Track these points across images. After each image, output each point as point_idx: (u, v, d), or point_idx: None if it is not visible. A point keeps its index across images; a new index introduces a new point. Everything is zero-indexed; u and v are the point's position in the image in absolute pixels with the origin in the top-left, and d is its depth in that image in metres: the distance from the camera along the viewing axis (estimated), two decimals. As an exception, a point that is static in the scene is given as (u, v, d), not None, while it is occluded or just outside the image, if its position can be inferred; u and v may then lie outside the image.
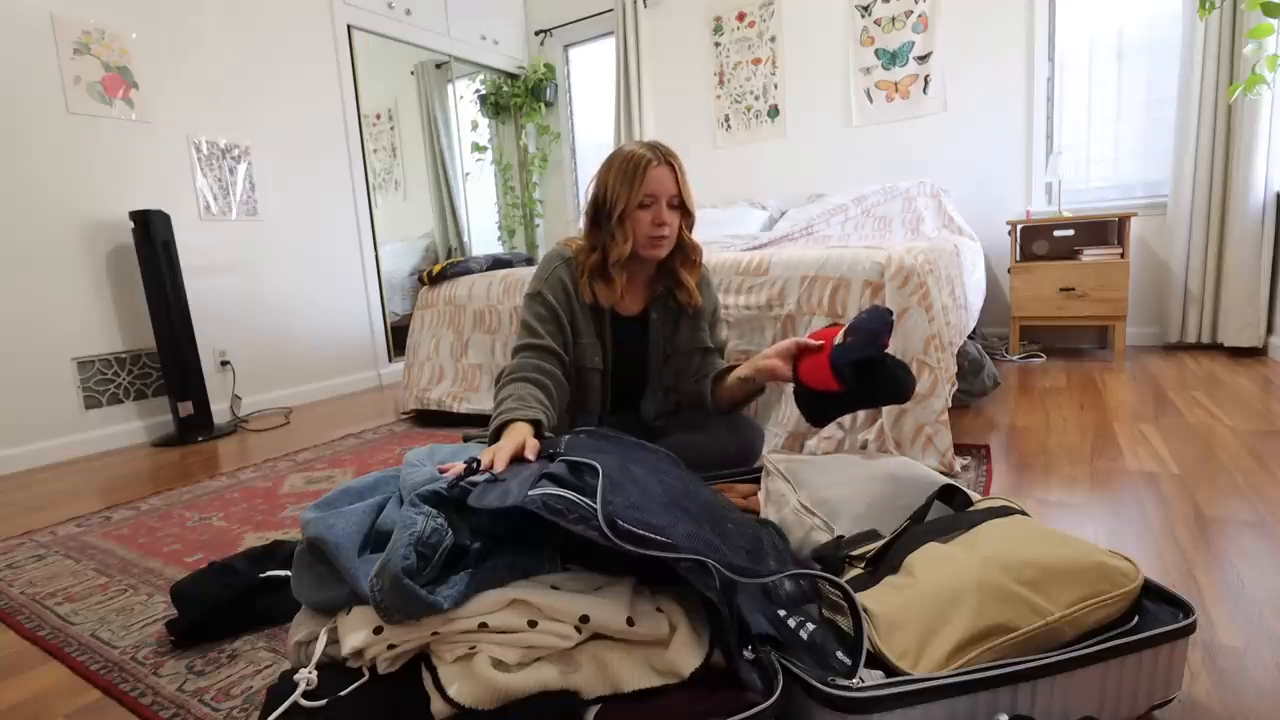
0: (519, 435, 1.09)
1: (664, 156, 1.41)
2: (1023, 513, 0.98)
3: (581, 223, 1.55)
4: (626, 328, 1.54)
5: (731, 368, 1.50)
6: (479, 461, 0.96)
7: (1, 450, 2.40)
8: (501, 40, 4.58)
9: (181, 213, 2.84)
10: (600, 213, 1.44)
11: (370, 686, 0.78)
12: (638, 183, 1.38)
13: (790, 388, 1.90)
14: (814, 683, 0.72)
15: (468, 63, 4.39)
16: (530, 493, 0.79)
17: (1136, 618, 0.81)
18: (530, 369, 1.38)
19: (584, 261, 1.47)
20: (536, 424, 1.18)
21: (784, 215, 3.58)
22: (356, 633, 0.77)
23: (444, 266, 2.84)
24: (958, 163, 3.53)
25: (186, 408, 2.71)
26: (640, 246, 1.43)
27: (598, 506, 0.77)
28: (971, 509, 1.02)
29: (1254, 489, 1.51)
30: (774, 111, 3.99)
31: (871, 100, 3.71)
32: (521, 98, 4.66)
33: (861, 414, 1.83)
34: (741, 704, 0.70)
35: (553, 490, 0.80)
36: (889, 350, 1.27)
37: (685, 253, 1.52)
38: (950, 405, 1.78)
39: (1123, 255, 2.99)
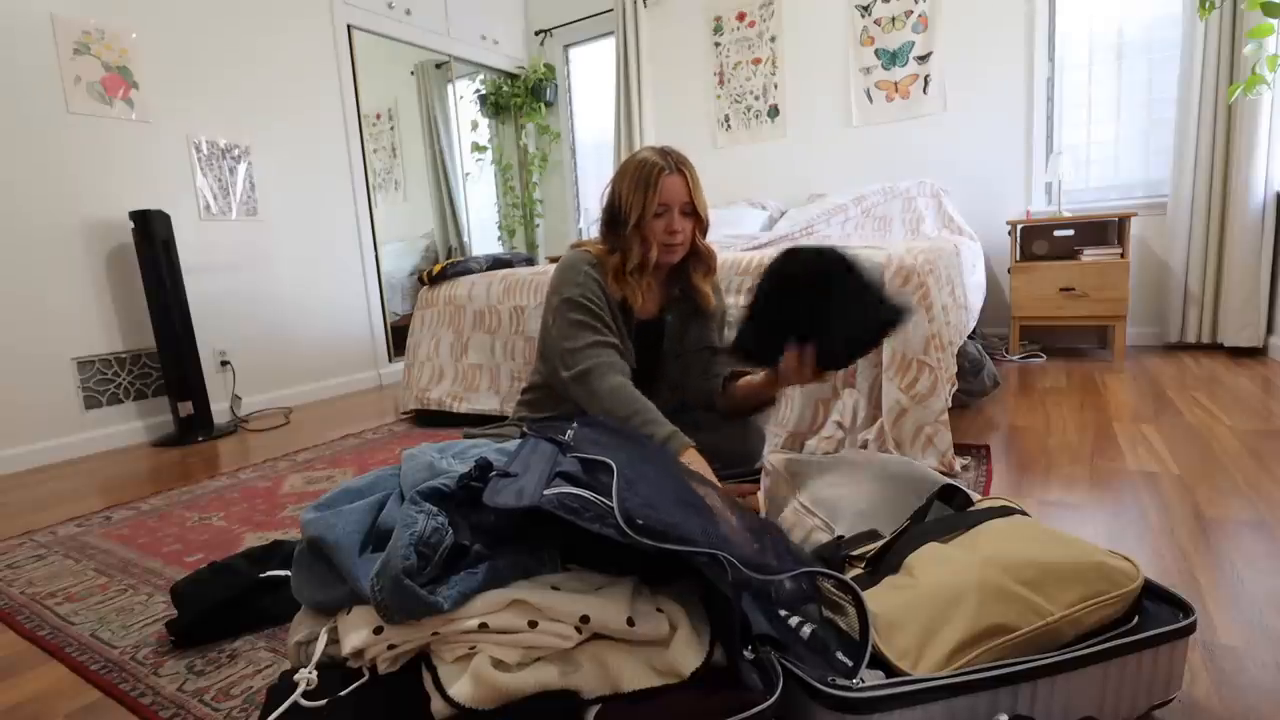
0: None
1: (676, 164, 1.43)
2: (1023, 513, 0.98)
3: (596, 229, 1.57)
4: (641, 329, 1.56)
5: (742, 373, 1.51)
6: (488, 461, 0.96)
7: (1, 450, 2.40)
8: (501, 40, 4.58)
9: (181, 213, 2.84)
10: (616, 219, 1.47)
11: (370, 686, 0.78)
12: (651, 192, 1.41)
13: (789, 391, 1.90)
14: (814, 683, 0.72)
15: (468, 63, 4.39)
16: (546, 492, 0.79)
17: (1136, 618, 0.80)
18: (621, 369, 1.43)
19: (606, 262, 1.49)
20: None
21: (784, 215, 3.59)
22: (356, 633, 0.77)
23: (444, 266, 2.84)
24: (958, 163, 3.53)
25: (186, 408, 2.71)
26: (654, 253, 1.46)
27: (614, 504, 0.77)
28: (971, 509, 1.01)
29: (1254, 489, 1.51)
30: (774, 111, 3.99)
31: (871, 100, 3.71)
32: (521, 98, 4.65)
33: (861, 414, 1.83)
34: (741, 704, 0.70)
35: (568, 489, 0.80)
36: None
37: (700, 258, 1.54)
38: (950, 405, 1.78)
39: (1123, 255, 2.99)
